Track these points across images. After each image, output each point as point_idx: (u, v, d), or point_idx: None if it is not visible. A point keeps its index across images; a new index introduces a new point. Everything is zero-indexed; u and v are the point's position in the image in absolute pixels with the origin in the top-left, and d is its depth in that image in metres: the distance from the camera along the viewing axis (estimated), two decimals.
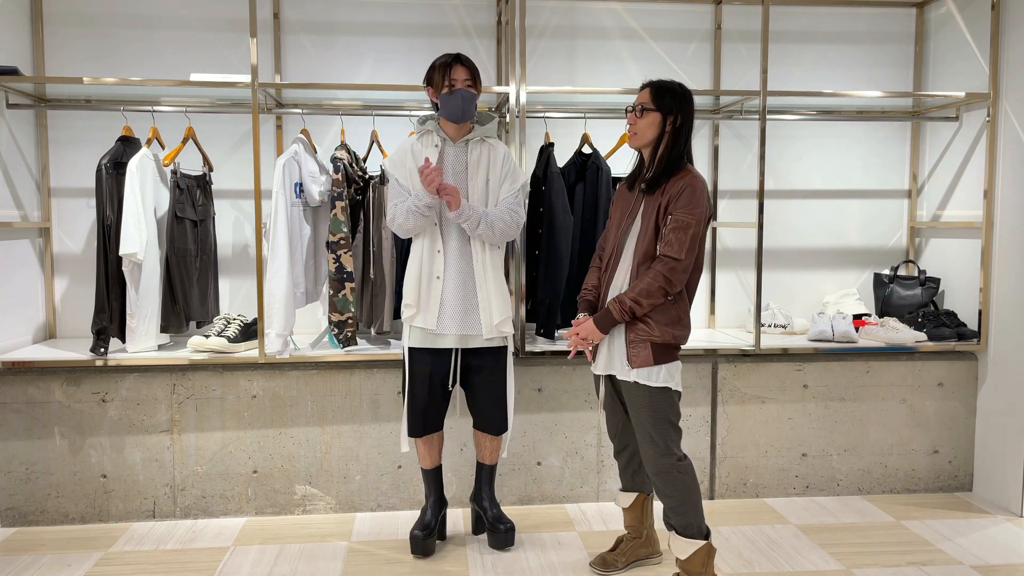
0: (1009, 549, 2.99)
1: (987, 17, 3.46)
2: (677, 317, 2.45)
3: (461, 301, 2.77)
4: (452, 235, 2.77)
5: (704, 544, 2.46)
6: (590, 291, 2.64)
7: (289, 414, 3.28)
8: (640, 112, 2.49)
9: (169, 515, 3.26)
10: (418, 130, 2.85)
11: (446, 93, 2.72)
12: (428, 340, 2.80)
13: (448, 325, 2.78)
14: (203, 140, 3.51)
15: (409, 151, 2.81)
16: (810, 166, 3.97)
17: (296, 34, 3.68)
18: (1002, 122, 3.43)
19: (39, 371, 3.16)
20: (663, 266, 2.37)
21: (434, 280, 2.77)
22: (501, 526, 2.95)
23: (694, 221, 2.38)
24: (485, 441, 2.96)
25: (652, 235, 2.43)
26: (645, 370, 2.43)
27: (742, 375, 3.46)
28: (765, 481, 3.52)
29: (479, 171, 2.79)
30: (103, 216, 3.15)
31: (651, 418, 2.45)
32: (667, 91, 2.47)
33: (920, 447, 3.58)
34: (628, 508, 2.78)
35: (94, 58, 3.56)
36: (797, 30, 3.90)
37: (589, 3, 3.78)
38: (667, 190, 2.41)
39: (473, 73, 2.76)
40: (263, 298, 3.18)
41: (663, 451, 2.45)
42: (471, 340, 2.80)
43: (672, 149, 2.47)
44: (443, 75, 2.73)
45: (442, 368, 2.83)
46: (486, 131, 2.83)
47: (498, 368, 2.88)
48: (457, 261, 2.77)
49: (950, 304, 3.77)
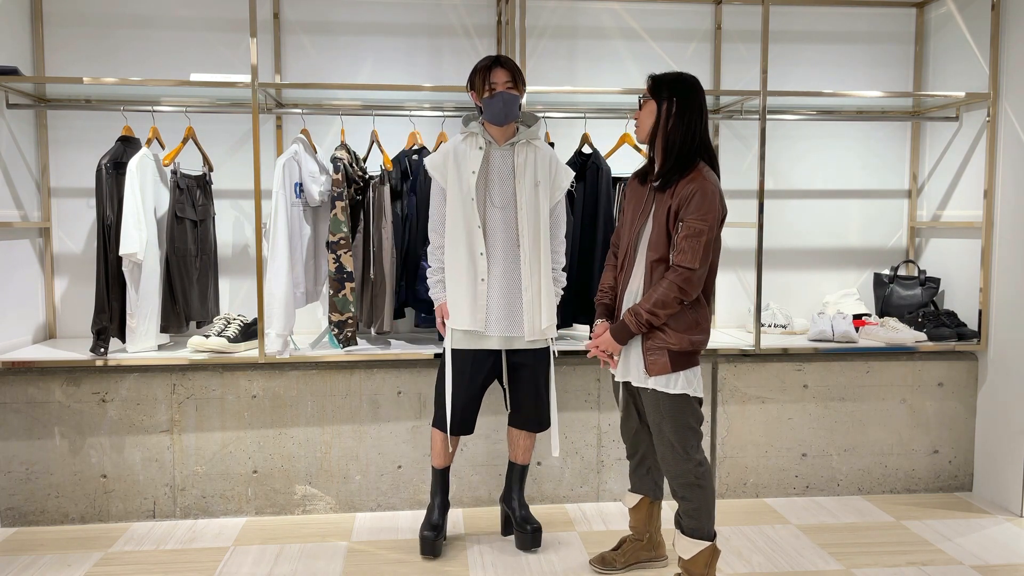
0: (1009, 549, 2.99)
1: (987, 17, 3.46)
2: (695, 322, 2.40)
3: (506, 303, 2.78)
4: (497, 236, 2.78)
5: (709, 546, 2.45)
6: (607, 292, 2.61)
7: (289, 414, 3.28)
8: (640, 103, 2.48)
9: (169, 515, 3.26)
10: (462, 131, 2.84)
11: (488, 97, 2.72)
12: (472, 341, 2.81)
13: (493, 327, 2.79)
14: (203, 140, 3.51)
15: (451, 152, 2.80)
16: (810, 166, 3.97)
17: (296, 34, 3.68)
18: (1002, 122, 3.43)
19: (39, 371, 3.16)
20: (677, 276, 2.33)
21: (478, 283, 2.77)
22: (528, 527, 2.94)
23: (706, 227, 2.33)
24: (520, 439, 2.96)
25: (664, 238, 2.38)
26: (663, 378, 2.40)
27: (742, 375, 3.46)
28: (765, 481, 3.52)
29: (526, 174, 2.78)
30: (103, 216, 3.15)
31: (671, 424, 2.42)
32: (664, 79, 2.44)
33: (920, 447, 3.58)
34: (633, 509, 2.77)
35: (94, 58, 3.56)
36: (797, 30, 3.90)
37: (589, 3, 3.79)
38: (677, 192, 2.35)
39: (514, 74, 2.75)
40: (263, 298, 3.18)
41: (682, 456, 2.43)
42: (515, 342, 2.81)
43: (676, 137, 2.38)
44: (484, 79, 2.73)
45: (483, 368, 2.84)
46: (531, 133, 2.82)
47: (540, 366, 2.88)
48: (502, 262, 2.78)
49: (950, 304, 3.77)
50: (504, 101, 2.71)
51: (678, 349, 2.38)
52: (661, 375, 2.39)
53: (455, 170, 2.77)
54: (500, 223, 2.77)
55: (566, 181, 2.88)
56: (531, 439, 2.97)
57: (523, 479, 3.03)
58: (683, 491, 2.45)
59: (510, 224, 2.78)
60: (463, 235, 2.76)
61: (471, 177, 2.74)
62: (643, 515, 2.76)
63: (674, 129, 2.40)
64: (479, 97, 2.77)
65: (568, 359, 3.34)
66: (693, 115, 2.40)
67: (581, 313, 3.49)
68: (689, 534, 2.46)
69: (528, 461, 3.01)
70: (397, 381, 3.31)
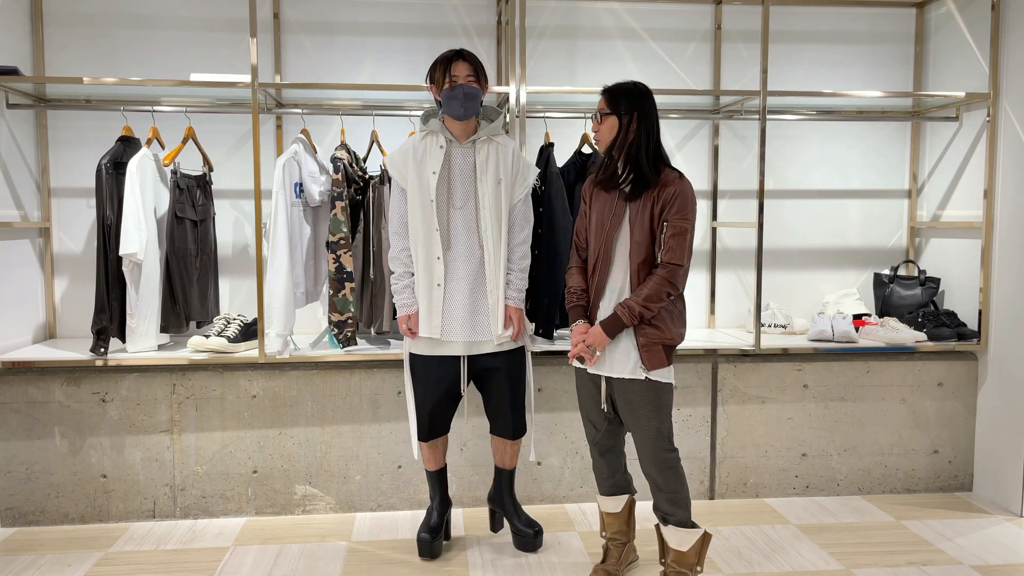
0: (1009, 549, 2.99)
1: (987, 17, 3.46)
2: (680, 313, 2.54)
3: (468, 307, 2.71)
4: (458, 238, 2.70)
5: (702, 532, 2.50)
6: (579, 295, 2.63)
7: (289, 414, 3.28)
8: (600, 118, 2.54)
9: (169, 515, 3.26)
10: (421, 129, 2.77)
11: (447, 89, 2.65)
12: (431, 347, 2.75)
13: (454, 332, 2.71)
14: (203, 140, 3.51)
15: (411, 151, 2.73)
16: (810, 166, 3.97)
17: (296, 34, 3.68)
18: (1002, 122, 3.43)
19: (39, 371, 3.16)
20: (668, 272, 2.44)
21: (434, 288, 2.70)
22: (530, 530, 2.92)
23: (689, 226, 2.47)
24: (504, 446, 2.89)
25: (648, 241, 2.47)
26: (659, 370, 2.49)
27: (742, 375, 3.46)
28: (765, 481, 3.52)
29: (488, 172, 2.71)
30: (103, 216, 3.15)
31: (658, 414, 2.49)
32: (620, 93, 2.52)
33: (920, 447, 3.58)
34: (618, 513, 2.73)
35: (94, 58, 3.56)
36: (797, 30, 3.90)
37: (589, 3, 3.79)
38: (660, 196, 2.45)
39: (476, 68, 2.68)
40: (263, 298, 3.18)
41: (667, 446, 2.50)
42: (482, 346, 2.74)
43: (638, 148, 2.47)
44: (444, 71, 2.66)
45: (447, 375, 2.76)
46: (493, 129, 2.75)
47: (514, 371, 2.81)
48: (464, 265, 2.71)
49: (950, 304, 3.77)
50: (465, 94, 2.63)
51: (671, 344, 2.50)
52: (659, 368, 2.48)
53: (415, 170, 2.69)
54: (461, 225, 2.69)
55: (531, 177, 2.80)
56: (515, 445, 2.90)
57: (512, 483, 2.97)
58: (666, 481, 2.49)
59: (471, 226, 2.70)
60: (420, 238, 2.69)
61: (431, 178, 2.67)
62: (625, 515, 2.74)
63: (635, 140, 2.49)
64: (438, 91, 2.68)
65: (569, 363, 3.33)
66: (651, 124, 2.51)
67: None
68: (678, 524, 2.49)
69: (514, 466, 2.94)
70: (397, 381, 3.31)
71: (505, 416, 2.84)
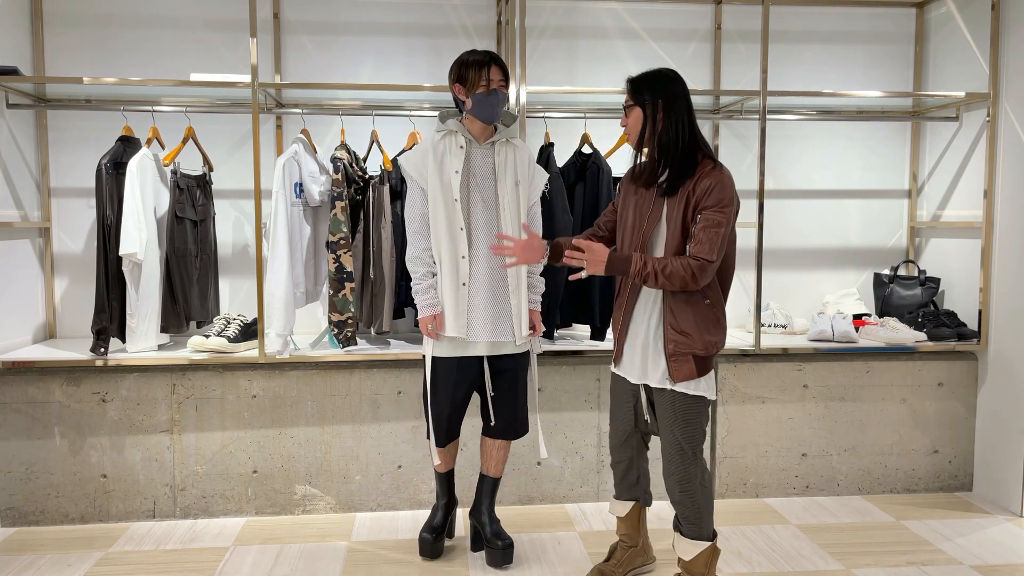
0: (1009, 549, 2.99)
1: (987, 17, 3.46)
2: (715, 319, 2.38)
3: (491, 308, 2.69)
4: (480, 238, 2.68)
5: (709, 546, 2.44)
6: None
7: (289, 414, 3.28)
8: (626, 112, 2.45)
9: (169, 515, 3.26)
10: (438, 129, 2.75)
11: (482, 93, 2.63)
12: (455, 349, 2.72)
13: (478, 332, 2.69)
14: (203, 140, 3.51)
15: (430, 150, 2.70)
16: (810, 166, 3.97)
17: (296, 34, 3.68)
18: (1002, 122, 3.43)
19: (39, 371, 3.16)
20: (694, 262, 2.27)
21: (459, 287, 2.67)
22: (500, 542, 2.81)
23: (725, 219, 2.28)
24: (494, 450, 2.85)
25: (680, 236, 2.33)
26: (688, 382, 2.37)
27: (742, 375, 3.46)
28: (765, 481, 3.52)
29: (507, 174, 2.71)
30: (103, 216, 3.15)
31: (685, 427, 2.38)
32: (643, 81, 2.41)
33: (920, 447, 3.58)
34: (625, 517, 2.70)
35: (94, 58, 3.56)
36: (797, 30, 3.91)
37: (589, 3, 3.79)
38: (696, 189, 2.30)
39: (506, 74, 2.69)
40: (263, 298, 3.18)
41: (691, 460, 2.41)
42: (503, 347, 2.73)
43: (669, 139, 2.34)
44: (479, 74, 2.63)
45: (467, 377, 2.75)
46: (511, 132, 2.77)
47: (521, 371, 2.80)
48: (485, 265, 2.68)
49: (950, 304, 3.77)
50: (500, 100, 2.66)
51: (703, 354, 2.35)
52: (687, 380, 2.35)
53: (435, 169, 2.67)
54: (483, 224, 2.68)
55: (542, 182, 2.82)
56: (505, 449, 2.87)
57: (494, 492, 2.88)
58: (684, 498, 2.42)
59: (492, 225, 2.69)
60: (445, 237, 2.66)
61: (454, 177, 2.66)
62: (634, 521, 2.71)
63: (664, 131, 2.36)
64: (470, 92, 2.65)
65: (568, 359, 3.34)
66: (680, 111, 2.36)
67: (581, 313, 3.49)
68: (689, 535, 2.45)
69: (500, 474, 2.88)
70: (397, 381, 3.31)
71: (509, 416, 2.82)
